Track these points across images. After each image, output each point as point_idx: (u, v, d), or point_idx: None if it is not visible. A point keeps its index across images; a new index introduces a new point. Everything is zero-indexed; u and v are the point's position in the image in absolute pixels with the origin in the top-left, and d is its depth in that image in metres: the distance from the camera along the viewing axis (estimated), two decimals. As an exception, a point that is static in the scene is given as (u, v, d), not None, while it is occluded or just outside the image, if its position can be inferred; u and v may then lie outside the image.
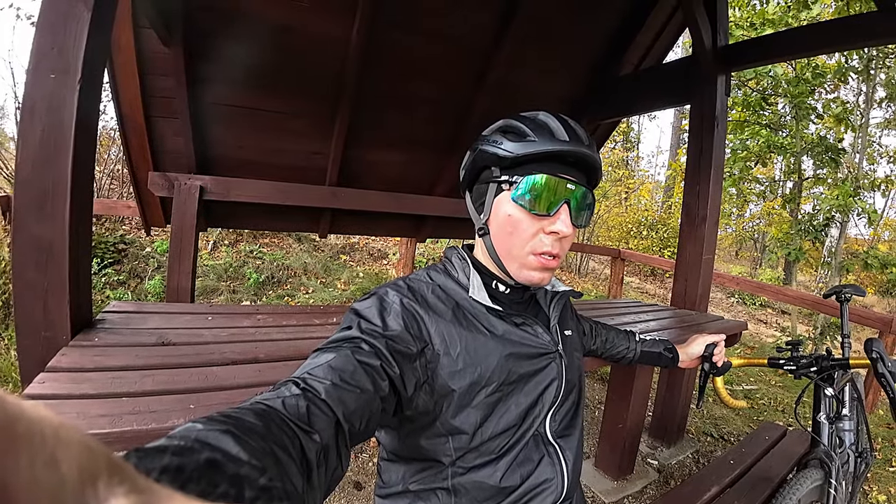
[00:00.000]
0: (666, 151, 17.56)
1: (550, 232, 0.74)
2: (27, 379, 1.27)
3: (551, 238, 0.74)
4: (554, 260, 0.75)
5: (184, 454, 0.29)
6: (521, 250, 0.75)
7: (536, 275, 0.77)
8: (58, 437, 0.13)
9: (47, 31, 1.28)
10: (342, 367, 0.57)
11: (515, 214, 0.74)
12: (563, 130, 0.73)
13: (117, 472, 0.15)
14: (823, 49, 2.87)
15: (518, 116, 0.77)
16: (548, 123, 0.74)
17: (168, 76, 2.56)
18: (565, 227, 0.73)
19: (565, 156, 0.73)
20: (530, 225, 0.74)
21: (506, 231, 0.76)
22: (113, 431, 0.96)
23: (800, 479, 1.42)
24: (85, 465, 0.14)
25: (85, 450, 0.14)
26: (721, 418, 3.46)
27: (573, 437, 0.85)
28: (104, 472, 0.14)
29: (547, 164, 0.73)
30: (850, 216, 5.47)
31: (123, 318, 1.61)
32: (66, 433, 0.14)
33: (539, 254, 0.75)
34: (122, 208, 4.78)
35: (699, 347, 1.29)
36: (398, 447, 0.80)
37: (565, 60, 3.60)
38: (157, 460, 0.28)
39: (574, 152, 0.73)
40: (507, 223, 0.75)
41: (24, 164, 1.27)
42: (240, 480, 0.30)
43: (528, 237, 0.75)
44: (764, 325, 8.58)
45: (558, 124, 0.74)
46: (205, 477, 0.29)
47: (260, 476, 0.32)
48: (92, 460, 0.14)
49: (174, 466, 0.28)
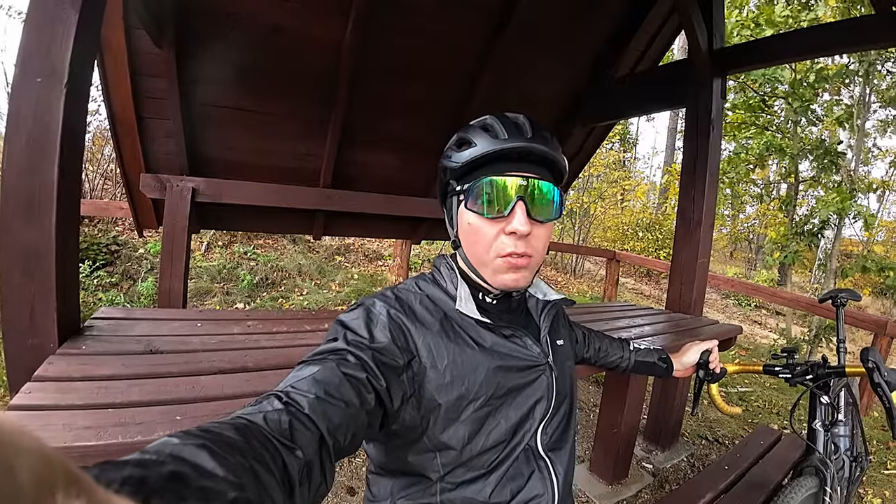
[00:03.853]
0: (662, 152, 17.61)
1: (509, 232, 0.72)
2: (15, 387, 1.25)
3: (512, 238, 0.72)
4: (522, 259, 0.73)
5: (148, 466, 0.28)
6: (487, 256, 0.74)
7: (509, 277, 0.75)
8: (14, 444, 0.13)
9: (34, 34, 1.26)
10: (327, 379, 0.56)
11: (474, 222, 0.74)
12: (504, 129, 0.72)
13: (75, 483, 0.14)
14: (819, 52, 2.87)
15: (467, 126, 0.77)
16: (492, 125, 0.74)
17: (160, 77, 2.53)
18: (521, 224, 0.71)
19: (507, 153, 0.72)
20: (490, 229, 0.73)
21: (471, 240, 0.76)
22: (98, 444, 0.94)
23: (795, 487, 1.42)
24: (42, 475, 0.13)
25: (43, 459, 0.13)
26: (716, 421, 3.46)
27: (564, 450, 0.83)
28: (62, 483, 0.14)
29: (493, 166, 0.73)
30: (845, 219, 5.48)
31: (112, 324, 1.58)
32: (24, 441, 0.13)
33: (504, 256, 0.73)
34: (115, 209, 4.75)
35: (693, 356, 1.27)
36: (386, 461, 0.79)
37: (560, 63, 3.59)
38: (118, 472, 0.27)
39: (514, 148, 0.71)
40: (469, 232, 0.75)
41: (10, 170, 1.25)
42: (206, 494, 0.29)
43: (489, 241, 0.73)
44: (759, 326, 8.62)
45: (500, 124, 0.73)
46: (169, 490, 0.28)
47: (231, 490, 0.31)
48: (50, 470, 0.14)
49: (136, 478, 0.27)
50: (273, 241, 6.85)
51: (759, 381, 4.56)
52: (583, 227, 11.03)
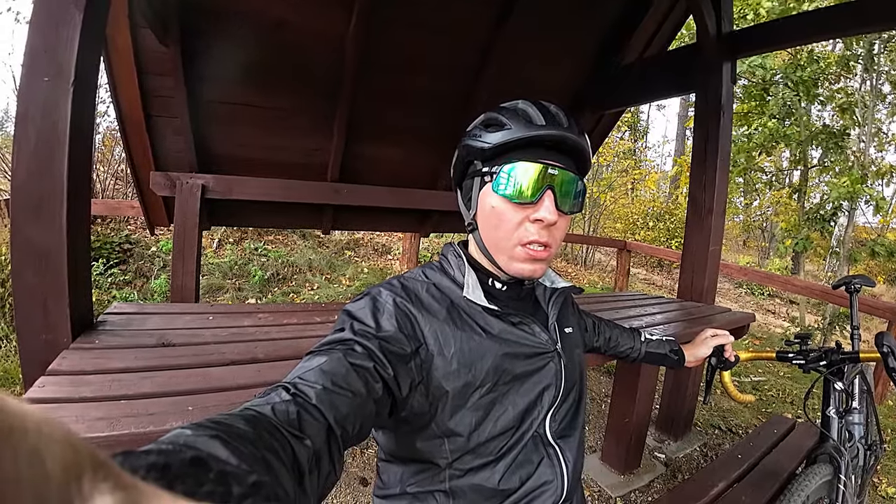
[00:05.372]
0: (672, 141, 17.43)
1: (535, 220, 0.72)
2: (29, 381, 1.27)
3: (537, 226, 0.72)
4: (544, 250, 0.73)
5: (170, 454, 0.29)
6: (507, 242, 0.74)
7: (527, 266, 0.74)
8: (41, 432, 0.13)
9: (39, 34, 1.27)
10: (334, 370, 0.56)
11: (499, 206, 0.73)
12: (541, 115, 0.71)
13: (102, 468, 0.15)
14: (830, 34, 2.82)
15: (498, 108, 0.76)
16: (526, 111, 0.73)
17: (166, 75, 2.55)
18: (549, 213, 0.71)
19: (543, 140, 0.71)
20: (514, 215, 0.72)
21: (491, 224, 0.75)
22: (111, 435, 0.95)
23: (809, 474, 1.40)
24: (69, 461, 0.14)
25: (69, 446, 0.14)
26: (729, 411, 3.44)
27: (574, 438, 0.83)
28: (89, 469, 0.14)
29: (527, 151, 0.72)
30: (857, 204, 5.39)
31: (124, 319, 1.61)
32: (49, 429, 0.13)
33: (526, 244, 0.72)
34: (127, 208, 4.80)
35: (706, 350, 1.26)
36: (395, 448, 0.79)
37: (567, 50, 3.55)
38: (143, 459, 0.28)
39: (551, 135, 0.71)
40: (492, 215, 0.74)
41: (20, 169, 1.27)
42: (227, 478, 0.29)
43: (513, 227, 0.73)
44: (772, 315, 8.51)
45: (535, 110, 0.72)
46: (191, 475, 0.28)
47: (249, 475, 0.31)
48: (76, 456, 0.14)
49: (161, 464, 0.28)
50: (283, 236, 6.89)
51: (772, 370, 4.52)
52: (593, 217, 10.95)
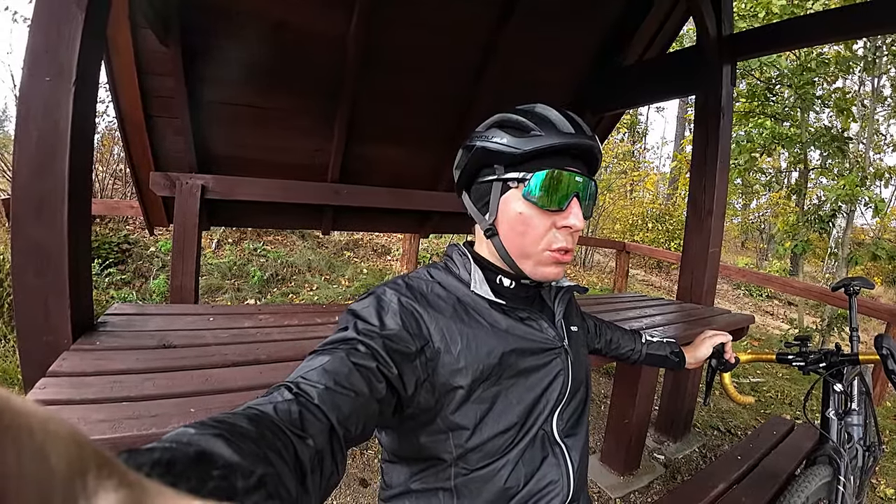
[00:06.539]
0: (671, 142, 17.46)
1: (563, 226, 0.73)
2: (29, 383, 1.26)
3: (564, 232, 0.73)
4: (568, 255, 0.75)
5: (174, 451, 0.29)
6: (535, 248, 0.74)
7: (552, 270, 0.76)
8: (46, 430, 0.13)
9: (40, 34, 1.26)
10: (336, 370, 0.56)
11: (527, 212, 0.73)
12: (568, 123, 0.72)
13: (106, 465, 0.15)
14: (831, 37, 2.82)
15: (515, 110, 0.75)
16: (548, 116, 0.73)
17: (167, 75, 2.54)
18: (578, 220, 0.72)
19: (572, 148, 0.72)
20: (542, 221, 0.73)
21: (517, 230, 0.74)
22: (113, 436, 0.95)
23: (808, 476, 1.41)
24: (74, 459, 0.14)
25: (74, 443, 0.14)
26: (728, 412, 3.44)
27: (579, 437, 0.83)
28: (93, 466, 0.14)
29: (554, 158, 0.72)
30: (856, 206, 5.40)
31: (125, 320, 1.60)
32: (54, 426, 0.14)
33: (554, 250, 0.74)
34: (126, 208, 4.79)
35: (707, 351, 1.27)
36: (399, 447, 0.79)
37: (568, 51, 3.55)
38: (148, 456, 0.28)
39: (580, 145, 0.72)
40: (518, 222, 0.74)
41: (21, 170, 1.26)
42: (231, 474, 0.30)
43: (541, 234, 0.73)
44: (771, 316, 8.53)
45: (560, 116, 0.72)
46: (195, 472, 0.28)
47: (253, 471, 0.32)
48: (81, 454, 0.14)
49: (165, 461, 0.28)
50: (282, 237, 6.88)
51: (771, 372, 4.53)
52: (591, 218, 10.95)
